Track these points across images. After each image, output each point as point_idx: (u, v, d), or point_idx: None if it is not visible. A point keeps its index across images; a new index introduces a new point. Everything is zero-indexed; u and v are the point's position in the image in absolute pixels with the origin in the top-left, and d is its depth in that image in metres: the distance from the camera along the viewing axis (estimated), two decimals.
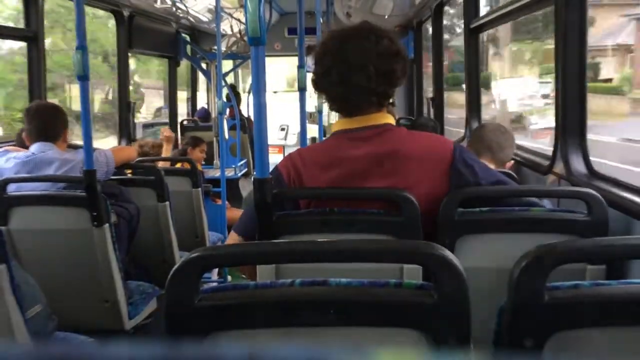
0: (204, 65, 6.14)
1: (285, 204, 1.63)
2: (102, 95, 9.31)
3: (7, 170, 2.68)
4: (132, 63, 6.12)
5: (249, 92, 7.14)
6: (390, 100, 1.62)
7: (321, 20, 4.00)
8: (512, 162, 2.49)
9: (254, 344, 0.91)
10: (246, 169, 5.75)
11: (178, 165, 4.31)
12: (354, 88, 1.55)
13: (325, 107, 4.19)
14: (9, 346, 0.30)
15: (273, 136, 7.86)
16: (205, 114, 6.77)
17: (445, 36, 4.81)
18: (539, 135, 7.42)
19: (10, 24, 5.58)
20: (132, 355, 0.30)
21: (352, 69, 1.54)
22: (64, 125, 2.83)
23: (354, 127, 1.59)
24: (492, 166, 2.35)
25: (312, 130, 5.34)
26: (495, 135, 2.36)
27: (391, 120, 1.62)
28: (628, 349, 0.89)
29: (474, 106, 3.66)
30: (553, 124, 2.29)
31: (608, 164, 4.97)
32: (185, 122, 6.30)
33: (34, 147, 2.72)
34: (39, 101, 3.09)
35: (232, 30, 5.90)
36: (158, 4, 4.83)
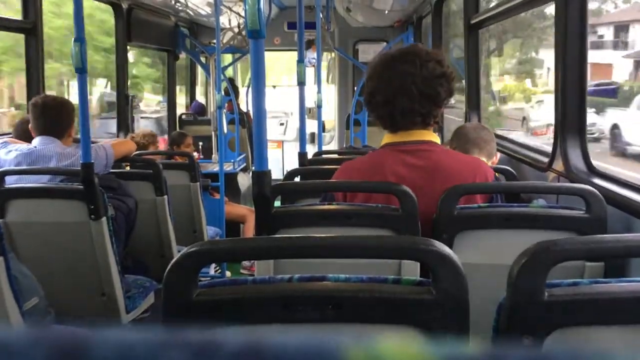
0: (202, 59, 6.12)
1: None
2: None
3: (7, 162, 2.67)
4: None
5: (248, 86, 7.12)
6: (436, 120, 1.72)
7: (321, 15, 3.99)
8: (497, 155, 2.54)
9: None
10: (244, 164, 5.75)
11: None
12: (398, 109, 1.65)
13: (325, 102, 4.19)
14: (10, 332, 0.30)
15: (273, 131, 7.83)
16: (200, 109, 6.75)
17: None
18: None
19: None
20: (132, 341, 0.30)
21: (395, 92, 1.64)
22: (70, 122, 2.81)
23: (399, 140, 1.69)
24: (483, 160, 2.37)
25: (312, 125, 5.33)
26: (477, 132, 2.45)
27: (435, 138, 1.71)
28: (627, 347, 0.89)
29: (473, 102, 3.65)
30: None
31: None
32: (183, 116, 6.29)
33: (37, 141, 2.72)
34: (47, 95, 3.07)
35: (230, 23, 5.88)
36: None
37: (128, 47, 4.73)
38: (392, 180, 1.64)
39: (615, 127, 6.62)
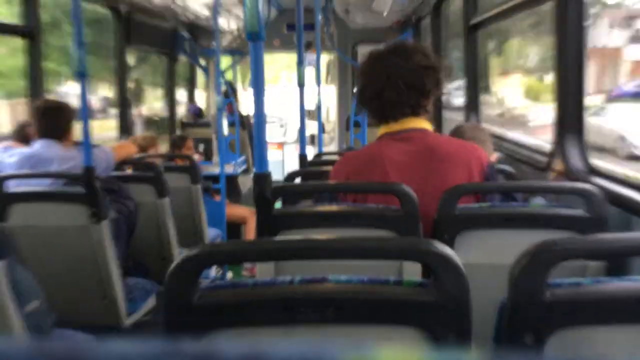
0: (202, 62, 6.13)
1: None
2: None
3: (9, 165, 2.68)
4: None
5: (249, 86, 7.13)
6: (427, 109, 1.76)
7: (320, 17, 3.99)
8: (494, 155, 2.54)
9: (253, 342, 0.90)
10: (245, 166, 5.75)
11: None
12: (386, 101, 1.71)
13: (324, 103, 4.18)
14: (10, 344, 0.30)
15: (273, 133, 7.85)
16: (197, 111, 6.76)
17: None
18: None
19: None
20: (133, 352, 0.30)
21: (383, 85, 1.70)
22: (70, 125, 2.83)
23: (394, 130, 1.74)
24: None
25: (312, 127, 5.33)
26: (474, 132, 2.47)
27: (427, 125, 1.76)
28: (630, 347, 0.89)
29: (472, 103, 3.65)
30: None
31: None
32: (184, 119, 6.29)
33: (38, 144, 2.73)
34: (46, 99, 3.09)
35: (229, 26, 5.89)
36: (156, 0, 4.81)
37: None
38: (390, 168, 1.68)
39: None
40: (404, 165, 1.68)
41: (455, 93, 4.74)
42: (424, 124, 1.75)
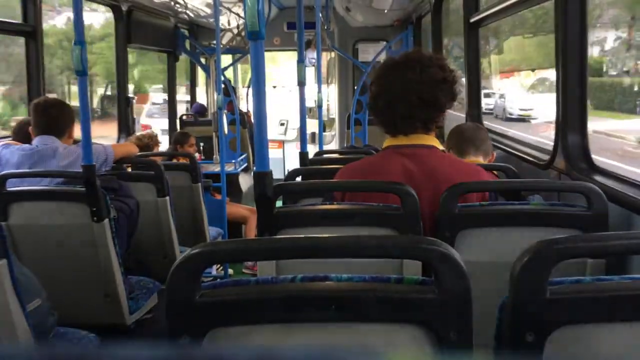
0: (203, 60, 6.12)
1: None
2: None
3: (10, 163, 2.69)
4: None
5: (248, 87, 7.13)
6: (438, 125, 1.73)
7: (320, 15, 3.99)
8: (494, 154, 2.55)
9: (255, 340, 0.91)
10: (246, 164, 5.75)
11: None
12: (397, 114, 1.68)
13: (325, 101, 4.19)
14: (16, 348, 0.30)
15: (273, 131, 7.85)
16: (201, 110, 6.75)
17: None
18: None
19: None
20: (143, 357, 0.30)
21: (395, 99, 1.67)
22: (70, 122, 2.84)
23: (401, 144, 1.71)
24: (481, 159, 2.38)
25: (312, 125, 5.33)
26: (474, 131, 2.48)
27: (436, 143, 1.73)
28: (630, 344, 0.89)
29: (474, 101, 3.65)
30: None
31: None
32: (184, 117, 6.29)
33: (38, 140, 2.74)
34: (46, 97, 3.10)
35: (229, 24, 5.88)
36: None
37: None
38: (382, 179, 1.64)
39: None
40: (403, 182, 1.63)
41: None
42: (432, 141, 1.71)
